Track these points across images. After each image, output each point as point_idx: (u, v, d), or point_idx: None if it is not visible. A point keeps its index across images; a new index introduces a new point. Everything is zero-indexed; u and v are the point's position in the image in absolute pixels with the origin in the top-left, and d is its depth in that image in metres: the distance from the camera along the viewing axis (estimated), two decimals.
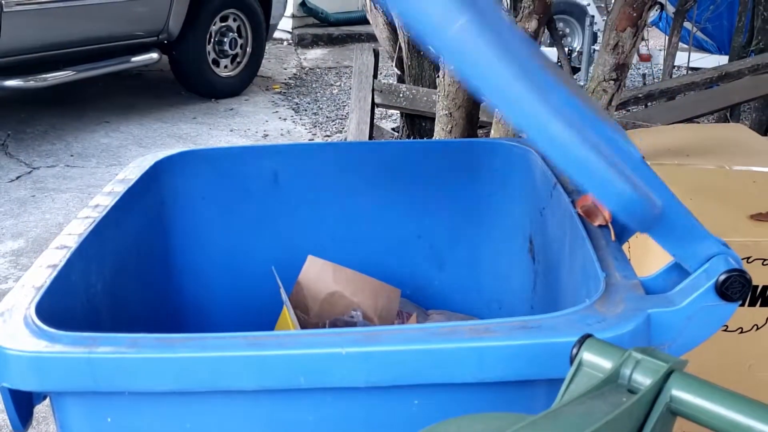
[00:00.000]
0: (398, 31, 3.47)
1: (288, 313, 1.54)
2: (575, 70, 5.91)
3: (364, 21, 6.23)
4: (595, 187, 0.99)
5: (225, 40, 5.86)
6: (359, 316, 1.64)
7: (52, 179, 4.29)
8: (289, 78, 6.79)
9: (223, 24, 5.85)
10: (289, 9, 7.54)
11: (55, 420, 1.06)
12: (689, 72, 4.73)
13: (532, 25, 2.24)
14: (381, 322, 1.65)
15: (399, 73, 3.65)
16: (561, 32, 6.13)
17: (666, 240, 1.08)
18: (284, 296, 1.58)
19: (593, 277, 1.15)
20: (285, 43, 7.94)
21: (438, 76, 2.64)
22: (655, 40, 5.74)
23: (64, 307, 1.16)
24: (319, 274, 1.67)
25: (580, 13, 6.40)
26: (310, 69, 7.13)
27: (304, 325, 1.60)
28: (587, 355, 0.85)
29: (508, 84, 0.94)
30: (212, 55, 5.82)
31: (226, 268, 1.74)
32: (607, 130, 1.10)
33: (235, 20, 5.93)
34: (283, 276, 1.65)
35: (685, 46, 4.93)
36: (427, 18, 0.92)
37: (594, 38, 6.17)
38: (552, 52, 5.46)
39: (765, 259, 1.58)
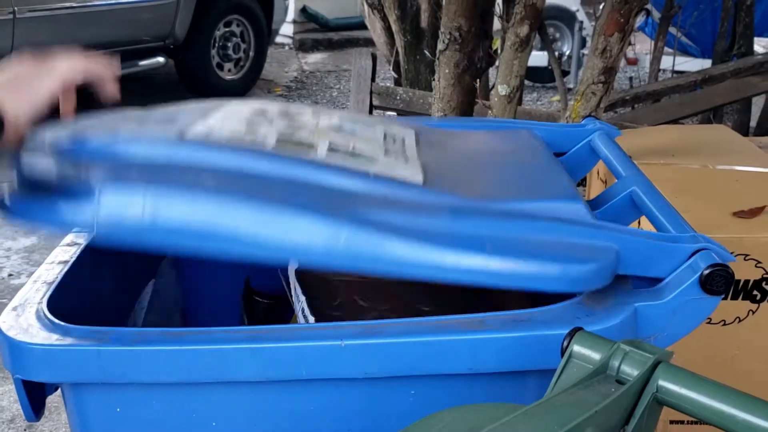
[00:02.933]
0: (395, 36, 3.50)
1: None
2: (565, 73, 5.95)
3: (362, 26, 6.23)
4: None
5: (229, 44, 5.93)
6: None
7: None
8: (291, 81, 6.83)
9: (226, 29, 5.93)
10: (291, 14, 7.60)
11: (67, 410, 1.09)
12: (674, 75, 4.78)
13: (524, 30, 2.28)
14: None
15: (396, 76, 3.68)
16: (551, 37, 6.16)
17: (636, 269, 1.12)
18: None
19: None
20: (286, 47, 7.95)
21: (433, 80, 2.67)
22: (641, 45, 5.78)
23: (75, 301, 1.19)
24: None
25: (570, 19, 6.44)
26: (311, 72, 7.15)
27: None
28: (577, 348, 0.89)
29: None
30: (216, 59, 5.90)
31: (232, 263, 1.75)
32: (541, 208, 1.15)
33: (238, 25, 6.00)
34: None
35: (670, 50, 4.97)
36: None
37: (583, 43, 6.21)
38: (543, 56, 5.51)
39: (747, 255, 1.62)
